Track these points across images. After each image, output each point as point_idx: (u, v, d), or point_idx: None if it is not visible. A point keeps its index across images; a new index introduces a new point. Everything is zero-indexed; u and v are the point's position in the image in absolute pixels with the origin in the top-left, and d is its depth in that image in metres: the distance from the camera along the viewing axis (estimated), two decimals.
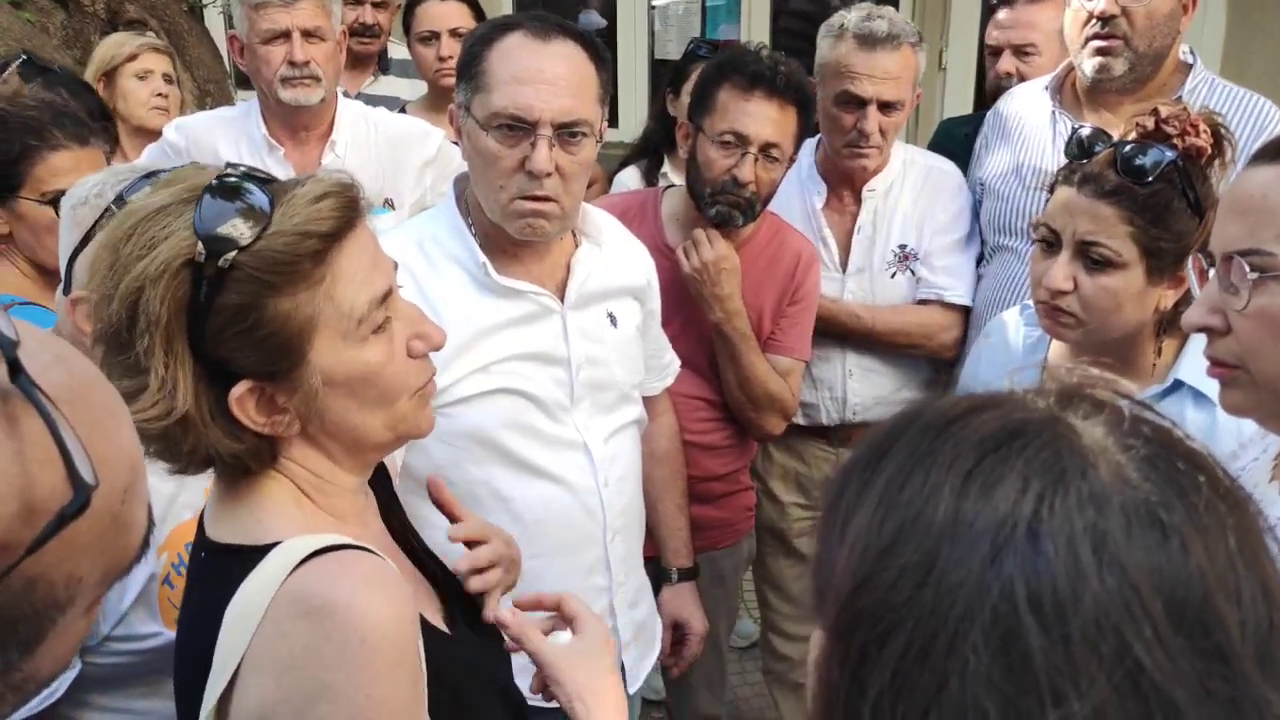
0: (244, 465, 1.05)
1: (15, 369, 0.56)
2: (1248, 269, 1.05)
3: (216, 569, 1.02)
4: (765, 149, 2.06)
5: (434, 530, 1.68)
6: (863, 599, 0.58)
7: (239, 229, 0.98)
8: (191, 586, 1.10)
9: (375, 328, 1.07)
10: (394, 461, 1.39)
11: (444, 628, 1.15)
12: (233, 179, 1.02)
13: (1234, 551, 0.56)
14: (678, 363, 2.06)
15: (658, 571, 2.09)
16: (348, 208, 1.04)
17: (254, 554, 0.99)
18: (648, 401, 1.94)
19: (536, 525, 1.66)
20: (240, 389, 1.01)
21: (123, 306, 0.97)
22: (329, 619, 0.93)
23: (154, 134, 2.82)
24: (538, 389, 1.66)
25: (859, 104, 2.29)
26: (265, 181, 1.04)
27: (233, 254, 0.97)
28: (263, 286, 0.99)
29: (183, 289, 0.97)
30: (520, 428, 1.65)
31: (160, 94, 3.09)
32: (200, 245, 0.97)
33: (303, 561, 0.97)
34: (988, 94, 2.82)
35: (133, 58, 3.11)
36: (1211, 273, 1.12)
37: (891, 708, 0.56)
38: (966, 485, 0.57)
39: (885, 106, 2.29)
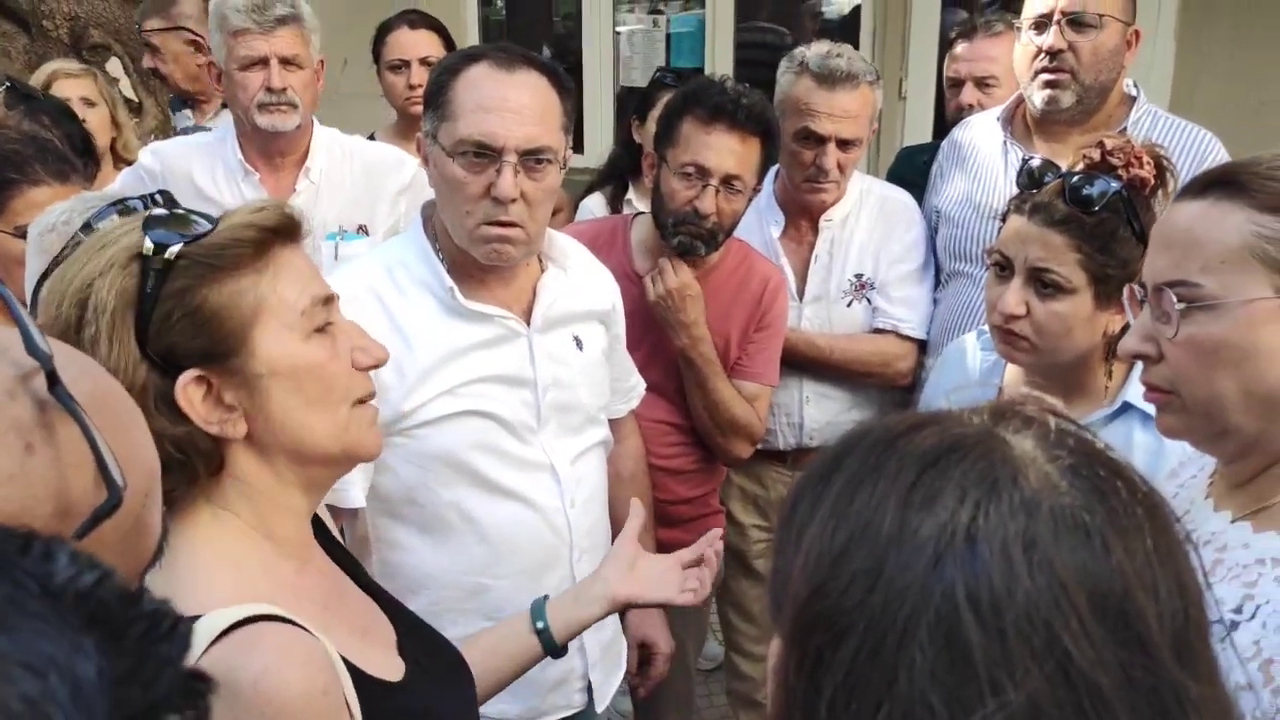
0: (192, 466, 1.06)
1: (53, 380, 0.60)
2: (1175, 299, 1.09)
3: None
4: (727, 181, 2.10)
5: (402, 551, 1.71)
6: (817, 604, 0.62)
7: (186, 234, 1.04)
8: None
9: (318, 326, 1.11)
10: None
11: (390, 673, 1.14)
12: (177, 211, 1.09)
13: (1150, 550, 0.61)
14: (643, 385, 2.09)
15: None
16: (288, 218, 1.10)
17: None
18: (613, 424, 1.96)
19: (504, 545, 1.68)
20: (186, 378, 1.04)
21: (73, 305, 1.01)
22: (236, 701, 0.93)
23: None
24: (505, 411, 1.68)
25: (818, 141, 2.34)
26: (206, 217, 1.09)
27: (179, 246, 1.03)
28: (207, 270, 1.04)
29: (131, 280, 1.02)
30: (488, 449, 1.67)
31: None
32: (148, 240, 1.02)
33: (219, 637, 0.97)
34: (949, 124, 2.89)
35: (46, 90, 3.09)
36: (1145, 302, 1.17)
37: (845, 706, 0.60)
38: (910, 496, 0.61)
39: (844, 143, 2.35)
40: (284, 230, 1.10)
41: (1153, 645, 0.59)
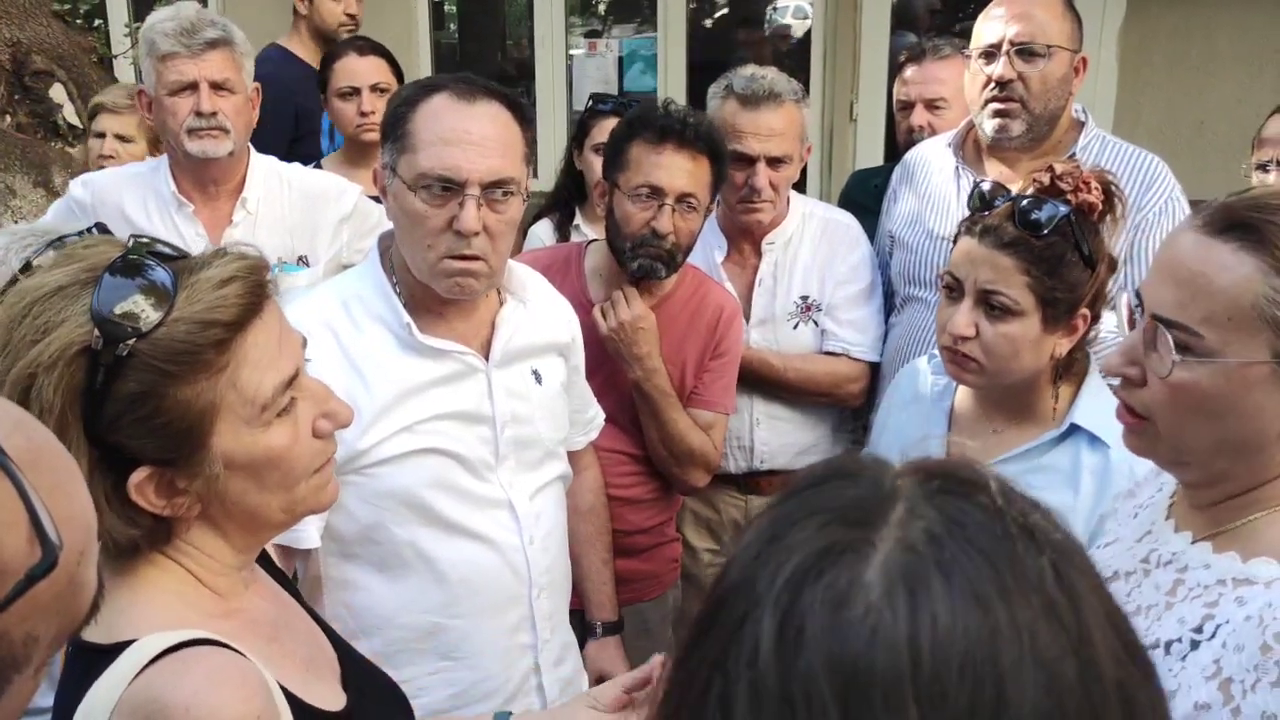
0: (137, 547, 1.02)
1: None
2: (1173, 342, 1.07)
3: (76, 668, 0.99)
4: (682, 199, 2.10)
5: (357, 591, 1.67)
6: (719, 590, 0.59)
7: (140, 309, 0.95)
8: (60, 685, 1.05)
9: (280, 411, 1.05)
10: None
11: (332, 703, 1.12)
12: (136, 257, 0.99)
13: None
14: (602, 416, 2.07)
15: (583, 625, 2.08)
16: (254, 291, 1.02)
17: (108, 653, 0.96)
18: (572, 456, 1.94)
19: (462, 585, 1.65)
20: (139, 475, 0.99)
21: (14, 393, 0.93)
22: None
23: None
24: (463, 448, 1.65)
25: (748, 161, 2.36)
26: (170, 258, 1.01)
27: (131, 342, 0.94)
28: (162, 375, 0.96)
29: (78, 376, 0.94)
30: (445, 487, 1.64)
31: (106, 155, 2.99)
32: (97, 332, 0.94)
33: (153, 661, 0.95)
34: (900, 147, 2.93)
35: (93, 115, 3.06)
36: (1140, 318, 1.14)
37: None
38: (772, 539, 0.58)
39: (773, 162, 2.37)
40: (253, 310, 1.02)
41: None
